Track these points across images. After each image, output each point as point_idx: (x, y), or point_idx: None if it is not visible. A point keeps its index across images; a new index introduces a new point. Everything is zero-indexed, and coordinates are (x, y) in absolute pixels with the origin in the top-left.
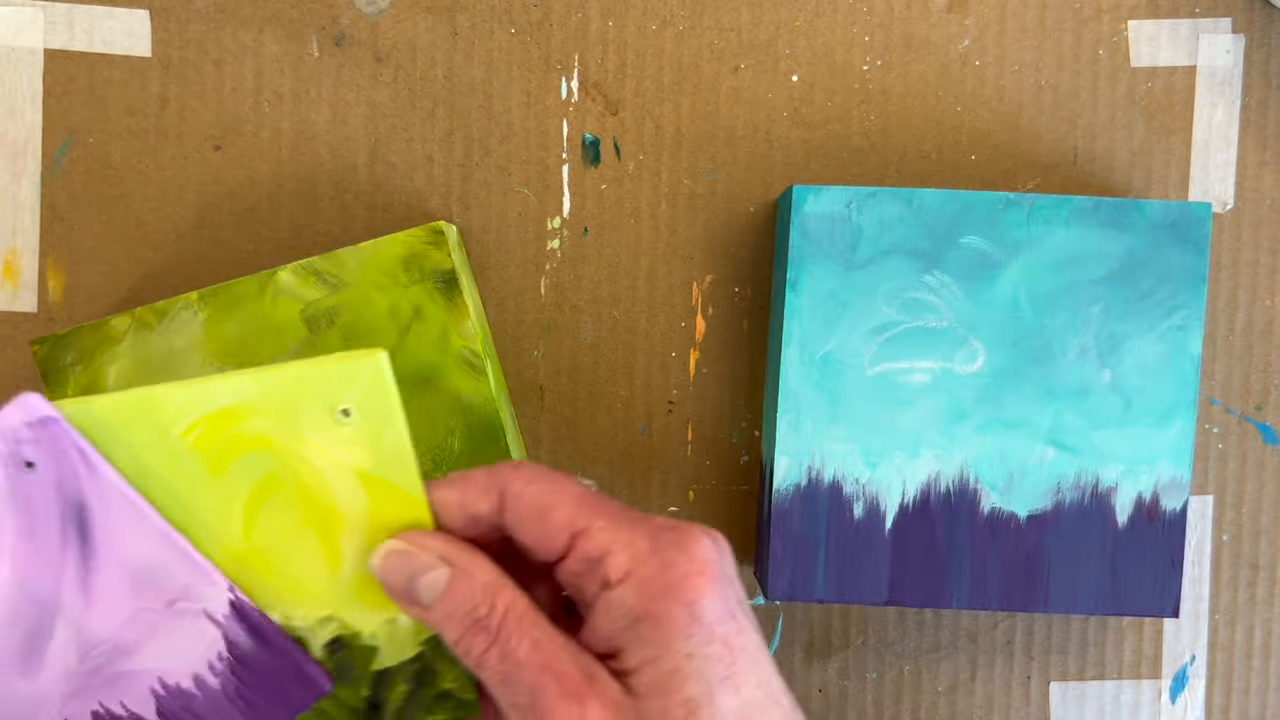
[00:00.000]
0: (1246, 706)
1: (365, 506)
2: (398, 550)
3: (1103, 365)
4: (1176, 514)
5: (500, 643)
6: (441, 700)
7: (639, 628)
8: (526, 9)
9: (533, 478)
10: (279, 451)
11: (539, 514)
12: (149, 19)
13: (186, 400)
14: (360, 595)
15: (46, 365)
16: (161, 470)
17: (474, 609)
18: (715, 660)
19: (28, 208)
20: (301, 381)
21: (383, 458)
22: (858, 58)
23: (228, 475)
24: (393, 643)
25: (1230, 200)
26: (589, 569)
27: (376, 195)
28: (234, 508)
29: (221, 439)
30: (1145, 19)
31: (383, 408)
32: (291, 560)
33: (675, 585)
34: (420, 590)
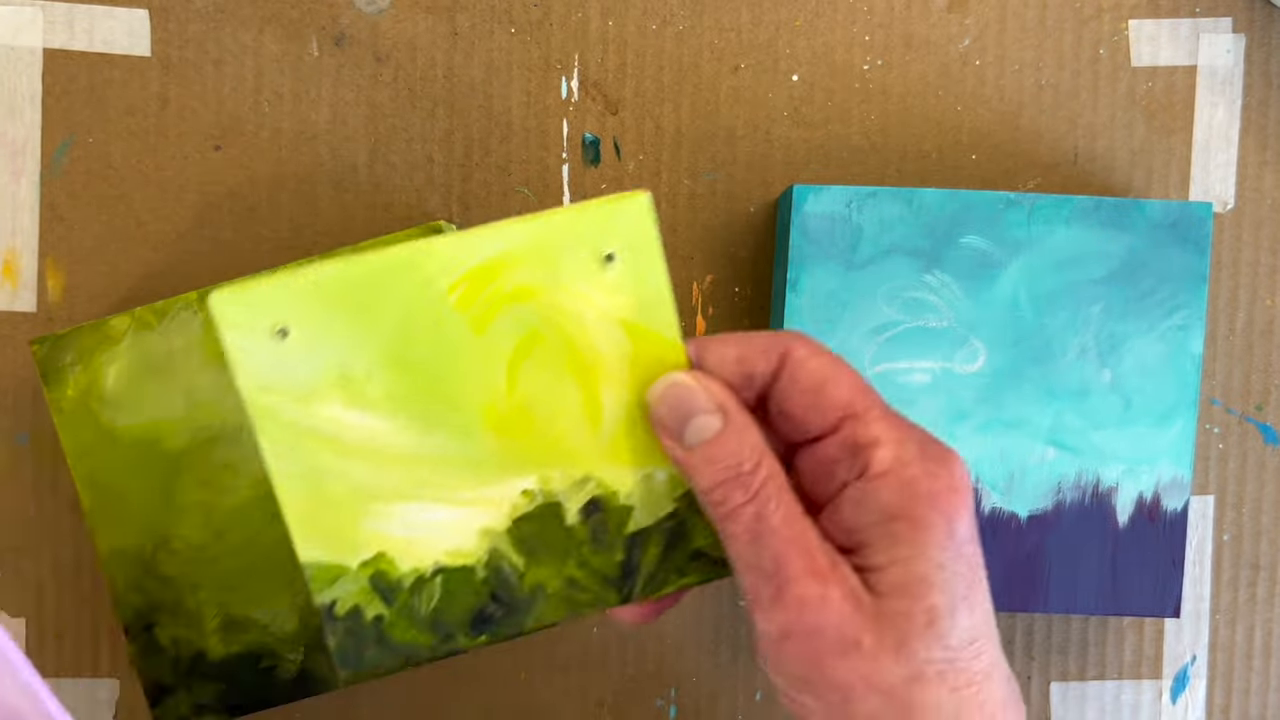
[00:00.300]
0: (1247, 707)
1: (627, 356)
2: (681, 384)
3: (1103, 365)
4: (1177, 514)
5: (758, 502)
6: (694, 560)
7: (893, 526)
8: (526, 9)
9: (816, 349)
10: (542, 303)
11: (818, 386)
12: (149, 18)
13: (453, 251)
14: (619, 451)
15: (46, 365)
16: (426, 329)
17: (739, 463)
18: (959, 578)
19: (27, 207)
20: (567, 226)
21: (645, 302)
22: (858, 57)
23: (490, 333)
24: (648, 500)
25: (1231, 200)
26: (849, 455)
27: (376, 195)
28: (497, 366)
29: (484, 295)
30: (1146, 18)
31: (646, 249)
32: (553, 417)
33: (938, 495)
34: (689, 429)
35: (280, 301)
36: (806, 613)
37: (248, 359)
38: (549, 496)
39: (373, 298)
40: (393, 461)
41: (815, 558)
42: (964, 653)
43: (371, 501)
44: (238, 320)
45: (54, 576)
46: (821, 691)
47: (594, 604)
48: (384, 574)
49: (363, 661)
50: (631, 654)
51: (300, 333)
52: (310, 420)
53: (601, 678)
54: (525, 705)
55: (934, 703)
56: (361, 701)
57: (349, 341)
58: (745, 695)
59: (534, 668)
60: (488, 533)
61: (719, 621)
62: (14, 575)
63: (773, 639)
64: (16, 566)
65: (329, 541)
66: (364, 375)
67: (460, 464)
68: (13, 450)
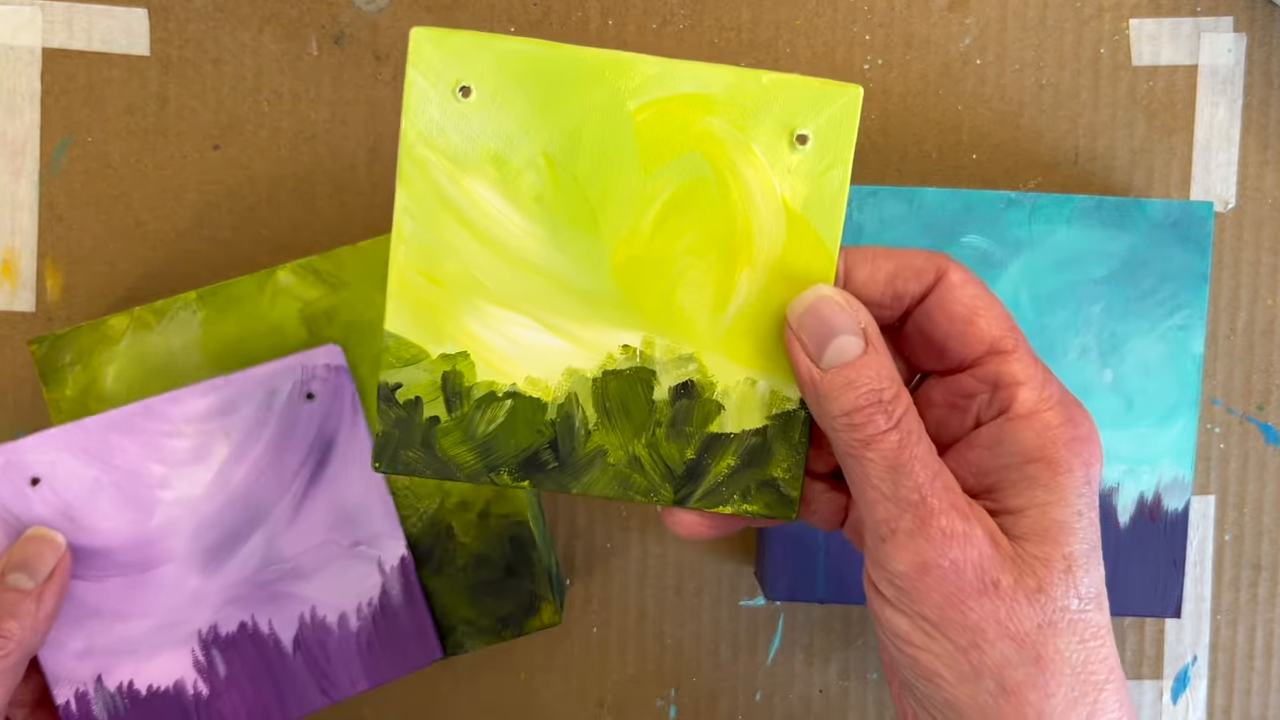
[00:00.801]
0: (1248, 707)
1: (779, 248)
2: (828, 299)
3: (1104, 365)
4: (1178, 514)
5: (900, 430)
6: (763, 489)
7: (1031, 469)
8: (526, 7)
9: (971, 277)
10: (719, 158)
11: (969, 314)
12: (147, 18)
13: (656, 73)
14: (733, 342)
15: (45, 365)
16: (598, 142)
17: (881, 389)
18: (1093, 528)
19: (26, 207)
20: (773, 90)
21: (817, 198)
22: (858, 57)
23: (657, 171)
24: (742, 406)
25: (1232, 199)
26: (990, 391)
27: (376, 194)
28: (650, 207)
29: (669, 127)
30: (1146, 18)
31: (840, 143)
32: (681, 281)
33: (1080, 441)
34: (829, 348)
35: (475, 58)
36: (951, 546)
37: (422, 104)
38: (646, 361)
39: (561, 91)
40: (513, 263)
41: (957, 494)
42: (1091, 604)
43: (477, 296)
44: (430, 62)
45: None
46: (953, 633)
47: (647, 493)
48: (459, 375)
49: (399, 459)
50: (631, 654)
51: (480, 98)
52: (454, 190)
53: (601, 678)
54: (525, 705)
55: (1063, 653)
56: (362, 701)
57: (522, 125)
58: (745, 695)
59: (534, 668)
60: (573, 374)
61: (719, 621)
62: None
63: (909, 574)
64: None
65: (421, 320)
66: (522, 165)
67: (574, 293)
68: None
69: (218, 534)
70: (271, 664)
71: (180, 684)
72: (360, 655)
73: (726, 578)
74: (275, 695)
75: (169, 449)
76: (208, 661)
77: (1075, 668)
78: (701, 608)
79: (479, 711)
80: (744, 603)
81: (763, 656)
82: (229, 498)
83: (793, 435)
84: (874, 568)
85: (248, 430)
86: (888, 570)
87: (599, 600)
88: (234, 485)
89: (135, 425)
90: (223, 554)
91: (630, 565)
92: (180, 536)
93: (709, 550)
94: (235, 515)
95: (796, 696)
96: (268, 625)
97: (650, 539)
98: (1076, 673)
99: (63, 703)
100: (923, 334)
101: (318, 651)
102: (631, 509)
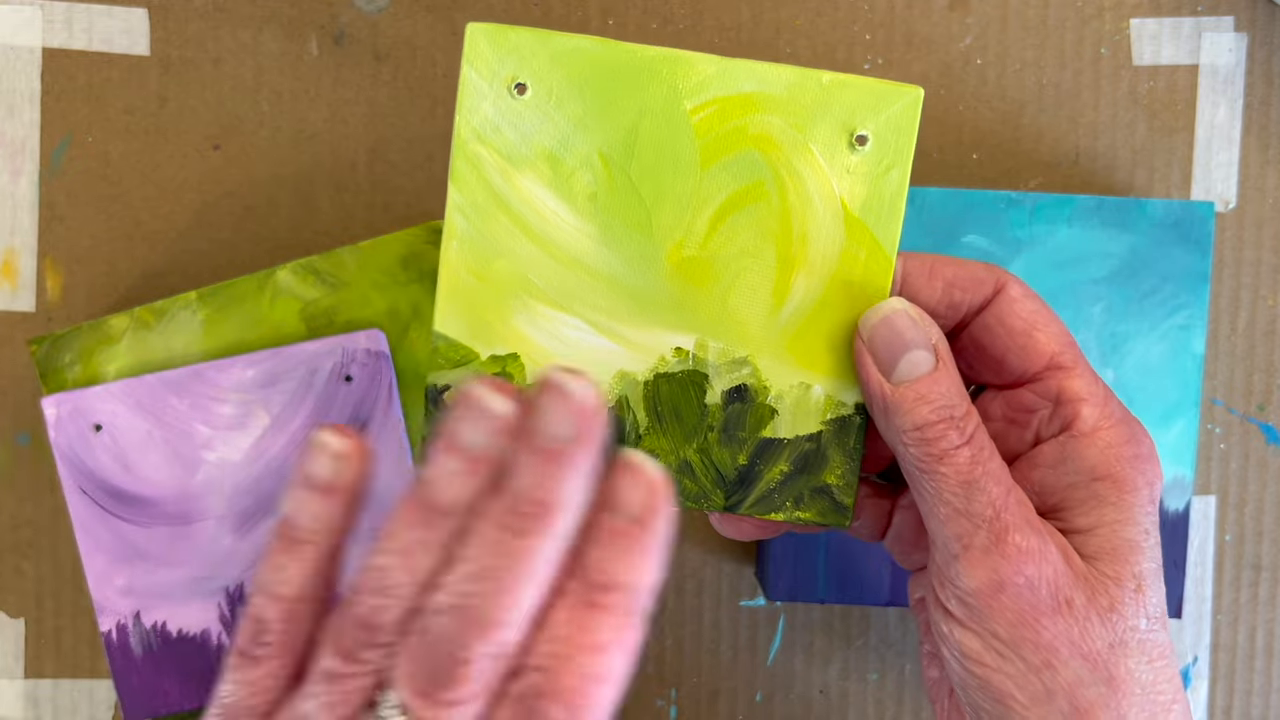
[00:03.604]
0: (1249, 707)
1: (837, 251)
2: (900, 314)
3: (1105, 365)
4: (1179, 514)
5: (973, 446)
6: (816, 496)
7: (1097, 487)
8: (526, 7)
9: (1029, 291)
10: (777, 159)
11: (1029, 328)
12: (147, 17)
13: (714, 73)
14: (788, 346)
15: (44, 365)
16: (654, 141)
17: (953, 404)
18: (1158, 546)
19: (26, 207)
20: (833, 90)
21: (876, 201)
22: (859, 56)
23: (714, 170)
24: (796, 411)
25: (1233, 199)
26: (1051, 407)
27: (376, 194)
28: (706, 207)
29: (726, 126)
30: (1147, 17)
31: (900, 145)
32: (736, 284)
33: (1143, 460)
34: (901, 363)
35: (532, 55)
36: (1027, 563)
37: (477, 101)
38: (699, 364)
39: (618, 90)
40: (566, 263)
41: (1030, 508)
42: (1158, 624)
43: (529, 296)
44: (485, 58)
45: (54, 576)
46: (1026, 652)
47: (698, 499)
48: (508, 377)
49: None
50: None
51: (536, 95)
52: (507, 188)
53: None
54: None
55: (1134, 673)
56: None
57: (577, 124)
58: (745, 695)
59: None
60: (625, 378)
61: (719, 621)
62: (14, 575)
63: (983, 591)
64: (16, 566)
65: (471, 321)
66: (576, 164)
67: (628, 294)
68: (13, 450)
69: (252, 499)
70: None
71: (206, 633)
72: None
73: (726, 578)
74: None
75: (215, 413)
76: (232, 616)
77: (1145, 688)
78: (701, 608)
79: None
80: (744, 603)
81: (763, 656)
82: (265, 466)
83: (848, 441)
84: (943, 586)
85: (286, 404)
86: (959, 587)
87: None
88: (270, 455)
89: (186, 387)
90: (255, 519)
91: None
92: (219, 496)
93: (709, 550)
94: (269, 484)
95: (796, 696)
96: None
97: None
98: (1146, 693)
99: (105, 630)
100: (980, 347)
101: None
102: None
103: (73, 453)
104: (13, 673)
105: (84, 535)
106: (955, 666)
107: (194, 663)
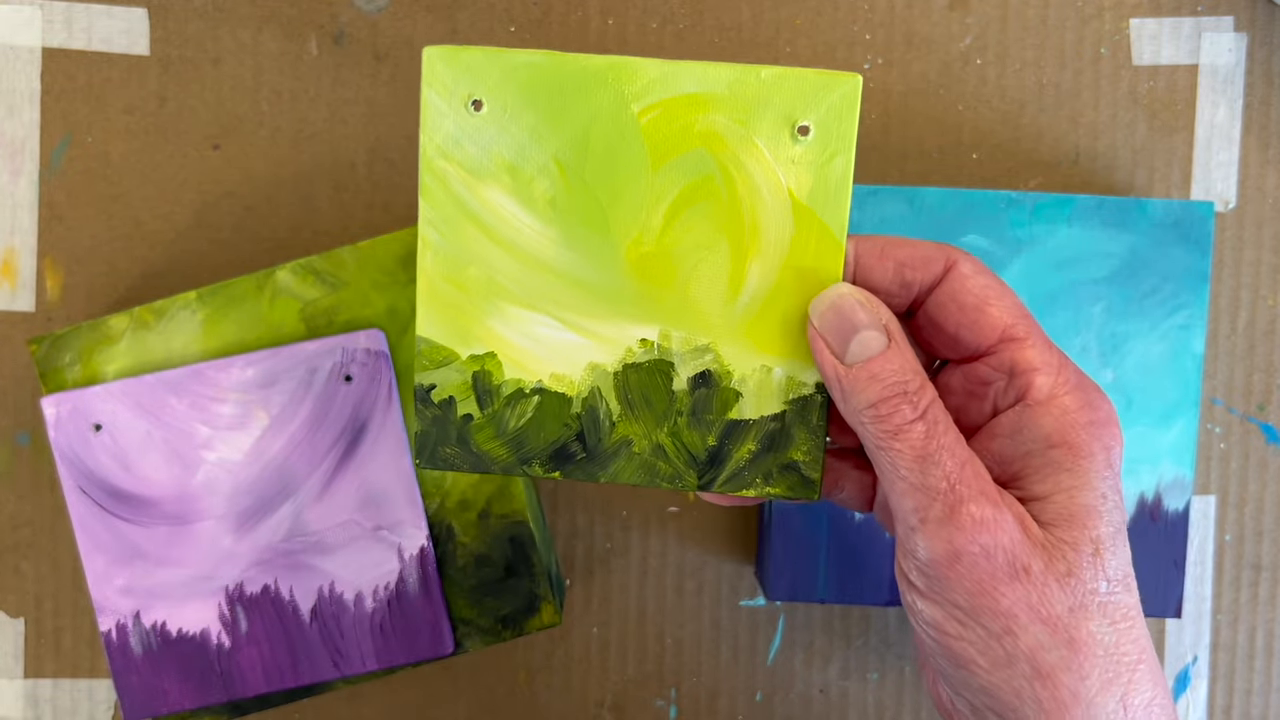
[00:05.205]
0: (1249, 707)
1: (787, 238)
2: (856, 297)
3: (1105, 364)
4: (1179, 514)
5: (927, 420)
6: (784, 472)
7: (1053, 454)
8: (526, 7)
9: (980, 267)
10: (724, 154)
11: (980, 303)
12: (147, 17)
13: (659, 75)
14: (747, 331)
15: (44, 365)
16: (606, 146)
17: (905, 380)
18: (1117, 510)
19: (26, 206)
20: (773, 84)
21: (822, 188)
22: (858, 56)
23: (664, 170)
24: (760, 393)
25: (1232, 199)
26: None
27: (375, 194)
28: (659, 205)
29: (674, 126)
30: (1147, 17)
31: (841, 133)
32: (694, 275)
33: (1099, 425)
34: (852, 344)
35: (485, 72)
36: (982, 532)
37: (438, 120)
38: (664, 354)
39: (568, 99)
40: (532, 266)
41: (986, 479)
42: (1119, 586)
43: (501, 299)
44: (442, 79)
45: (54, 576)
46: (985, 620)
47: (672, 480)
48: (488, 375)
49: (438, 455)
50: (631, 654)
51: (492, 110)
52: (473, 200)
53: (601, 678)
54: (525, 705)
55: (1095, 635)
56: (363, 700)
57: (532, 133)
58: (745, 695)
59: (534, 668)
60: (595, 369)
61: (719, 621)
62: (14, 575)
63: (941, 561)
64: (16, 566)
65: (449, 324)
66: (534, 172)
67: (592, 291)
68: (13, 450)
69: (251, 499)
70: (289, 629)
71: (206, 633)
72: (373, 636)
73: (726, 578)
74: (290, 658)
75: (214, 413)
76: (232, 616)
77: (1108, 649)
78: (701, 608)
79: (479, 711)
80: (744, 603)
81: (763, 656)
82: (264, 466)
83: (811, 419)
84: (905, 558)
85: (286, 404)
86: (918, 559)
87: (599, 600)
88: (270, 455)
89: (186, 387)
90: (254, 519)
91: (630, 565)
92: (218, 496)
93: (709, 550)
94: (268, 484)
95: (796, 696)
96: (289, 592)
97: (650, 539)
98: (1109, 654)
99: (105, 630)
100: (935, 324)
101: (333, 625)
102: (632, 509)
103: (72, 452)
104: (13, 673)
105: (84, 535)
106: (923, 635)
107: (193, 663)
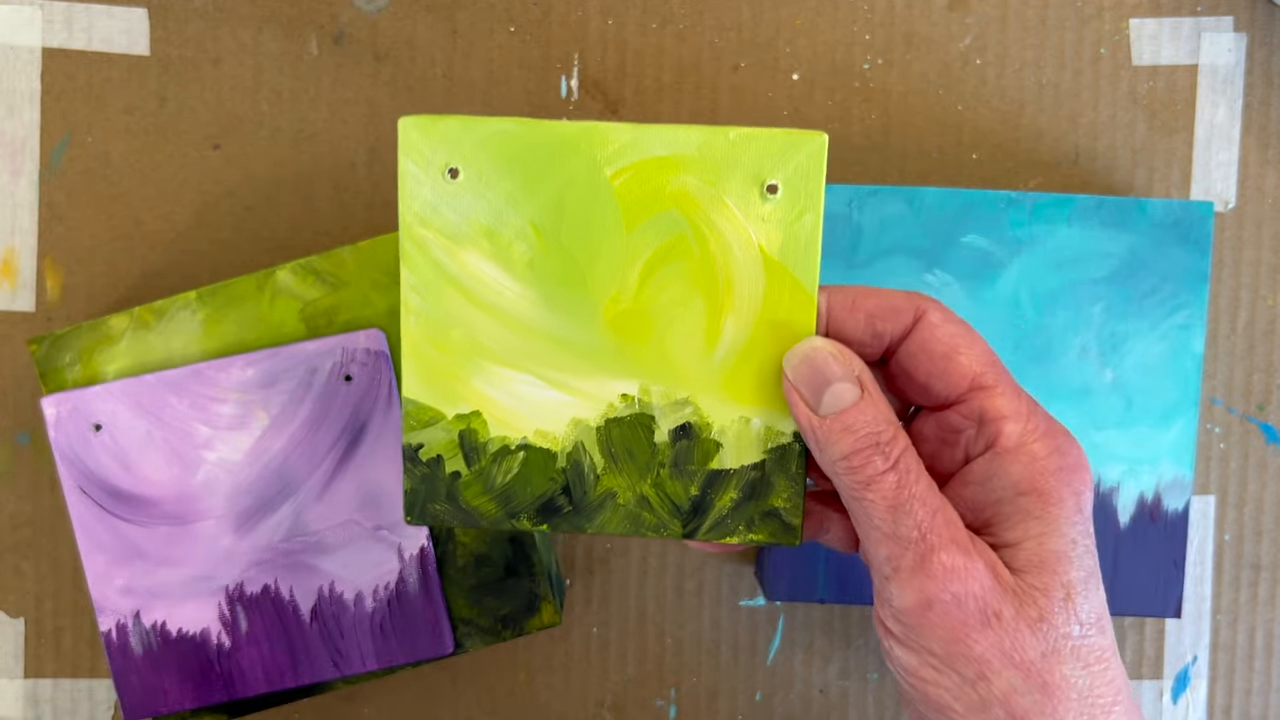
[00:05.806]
0: (1248, 707)
1: (760, 293)
2: (829, 350)
3: (1104, 365)
4: (1179, 514)
5: (899, 470)
6: (766, 519)
7: (1023, 501)
8: (526, 7)
9: (950, 316)
10: (696, 214)
11: (949, 352)
12: (147, 17)
13: (630, 140)
14: (725, 384)
15: (44, 365)
16: (581, 208)
17: (878, 432)
18: (1088, 554)
19: (26, 207)
20: (741, 145)
21: (793, 244)
22: (858, 56)
23: (638, 231)
24: (739, 444)
25: (1232, 199)
26: (975, 426)
27: (375, 194)
28: (635, 264)
29: (646, 188)
30: (1147, 17)
31: (809, 190)
32: (670, 331)
33: (1068, 471)
34: (826, 396)
35: (460, 141)
36: (952, 581)
37: (416, 188)
38: (645, 408)
39: (542, 165)
40: (514, 327)
41: (958, 529)
42: (1092, 629)
43: (484, 359)
44: (419, 149)
45: (54, 576)
46: (959, 666)
47: (657, 529)
48: (474, 433)
49: (427, 513)
50: (631, 654)
51: (468, 178)
52: (453, 265)
53: (601, 678)
54: (525, 705)
55: (1069, 679)
56: (363, 700)
57: (508, 199)
58: (745, 695)
59: (534, 668)
60: (578, 424)
61: (719, 621)
62: (14, 575)
63: (913, 610)
64: (16, 566)
65: (435, 385)
66: (512, 235)
67: (572, 349)
68: (13, 450)
69: (251, 499)
70: (289, 629)
71: (206, 632)
72: (373, 636)
73: (726, 578)
74: (290, 658)
75: (215, 413)
76: (232, 616)
77: (1082, 692)
78: (701, 608)
79: (479, 711)
80: (744, 603)
81: (763, 656)
82: (264, 466)
83: (790, 467)
84: (881, 606)
85: (286, 404)
86: (893, 607)
87: (599, 600)
88: (270, 455)
89: (186, 387)
90: (254, 519)
91: (630, 565)
92: (218, 496)
93: None
94: (268, 484)
95: (796, 696)
96: (289, 592)
97: (650, 539)
98: (1084, 697)
99: (105, 630)
100: (906, 372)
101: (332, 625)
102: None
103: (72, 452)
104: (13, 672)
105: (84, 535)
106: (899, 681)
107: (193, 662)
